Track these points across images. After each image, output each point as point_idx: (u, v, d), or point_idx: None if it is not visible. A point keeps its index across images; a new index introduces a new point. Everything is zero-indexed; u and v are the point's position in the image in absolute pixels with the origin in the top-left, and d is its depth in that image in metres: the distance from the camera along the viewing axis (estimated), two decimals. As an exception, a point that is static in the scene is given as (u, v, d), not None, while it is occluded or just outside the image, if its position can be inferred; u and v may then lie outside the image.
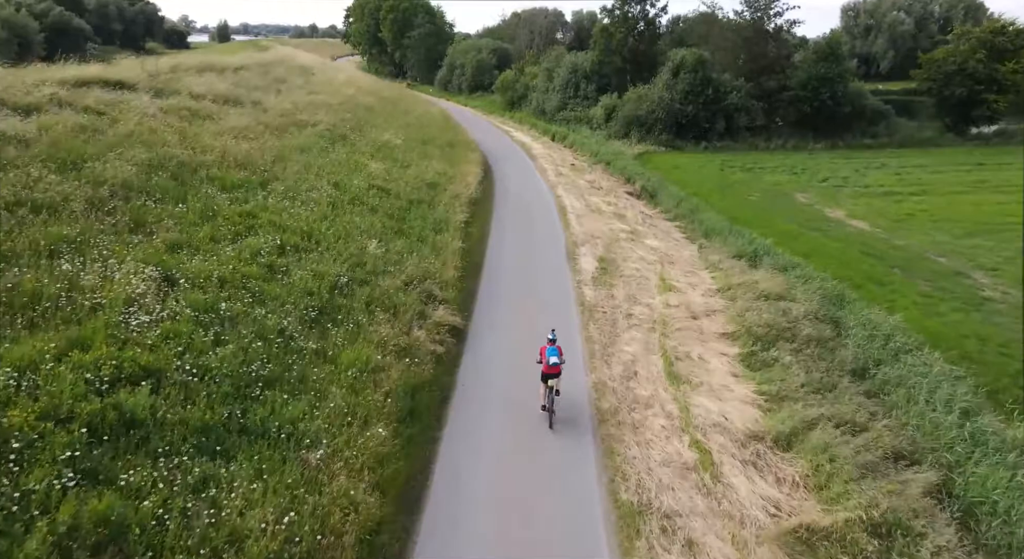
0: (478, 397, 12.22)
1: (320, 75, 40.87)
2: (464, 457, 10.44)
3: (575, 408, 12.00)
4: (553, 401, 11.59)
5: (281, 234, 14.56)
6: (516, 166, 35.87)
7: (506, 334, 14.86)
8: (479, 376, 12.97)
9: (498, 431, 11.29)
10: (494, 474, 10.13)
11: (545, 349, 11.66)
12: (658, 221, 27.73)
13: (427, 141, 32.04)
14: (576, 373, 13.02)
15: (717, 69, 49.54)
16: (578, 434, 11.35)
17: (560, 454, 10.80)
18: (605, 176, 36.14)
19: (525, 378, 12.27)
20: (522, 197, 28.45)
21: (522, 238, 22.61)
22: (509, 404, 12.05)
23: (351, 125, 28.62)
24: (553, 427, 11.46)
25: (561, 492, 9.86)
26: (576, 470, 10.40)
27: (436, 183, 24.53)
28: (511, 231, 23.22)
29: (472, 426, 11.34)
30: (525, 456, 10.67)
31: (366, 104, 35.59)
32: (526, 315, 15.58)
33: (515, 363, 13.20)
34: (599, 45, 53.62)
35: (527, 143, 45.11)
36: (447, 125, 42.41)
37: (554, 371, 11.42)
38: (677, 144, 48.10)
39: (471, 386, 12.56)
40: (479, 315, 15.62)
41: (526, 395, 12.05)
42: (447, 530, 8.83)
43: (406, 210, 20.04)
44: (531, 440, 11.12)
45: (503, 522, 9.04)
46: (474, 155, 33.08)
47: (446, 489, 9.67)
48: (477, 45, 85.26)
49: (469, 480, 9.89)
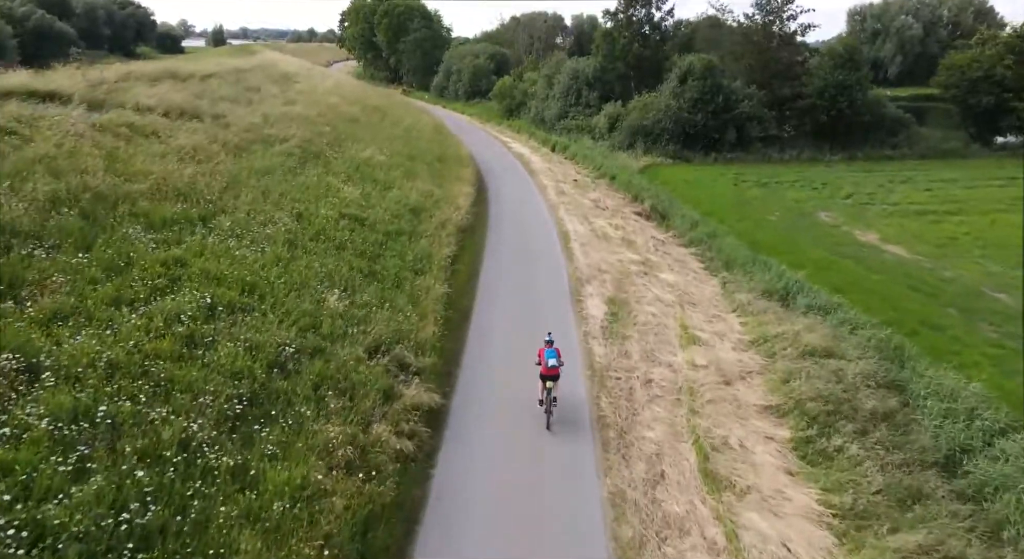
0: (458, 525, 9.15)
1: (303, 83, 37.95)
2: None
3: (585, 540, 8.94)
4: (551, 402, 11.70)
5: (214, 288, 11.55)
6: (513, 183, 32.87)
7: (498, 418, 11.82)
8: (461, 489, 9.91)
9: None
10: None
11: (543, 351, 11.82)
12: (672, 247, 24.73)
13: (415, 156, 29.08)
14: (585, 478, 10.01)
15: (727, 76, 46.66)
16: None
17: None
18: (610, 193, 33.18)
19: (527, 491, 9.27)
20: (519, 221, 25.46)
21: (519, 275, 19.53)
22: (504, 535, 8.96)
23: (329, 140, 25.66)
24: (551, 428, 11.45)
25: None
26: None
27: (421, 208, 21.52)
28: (506, 266, 20.19)
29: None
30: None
31: (350, 115, 32.65)
32: (523, 387, 12.54)
33: (510, 467, 10.21)
34: (601, 50, 50.77)
35: (525, 156, 42.18)
36: (439, 137, 39.46)
37: (552, 373, 11.62)
38: (685, 155, 45.18)
39: (449, 505, 9.47)
40: (464, 389, 12.54)
41: (529, 515, 9.03)
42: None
43: (382, 245, 17.02)
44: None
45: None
46: (467, 171, 30.11)
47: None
48: (474, 50, 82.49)
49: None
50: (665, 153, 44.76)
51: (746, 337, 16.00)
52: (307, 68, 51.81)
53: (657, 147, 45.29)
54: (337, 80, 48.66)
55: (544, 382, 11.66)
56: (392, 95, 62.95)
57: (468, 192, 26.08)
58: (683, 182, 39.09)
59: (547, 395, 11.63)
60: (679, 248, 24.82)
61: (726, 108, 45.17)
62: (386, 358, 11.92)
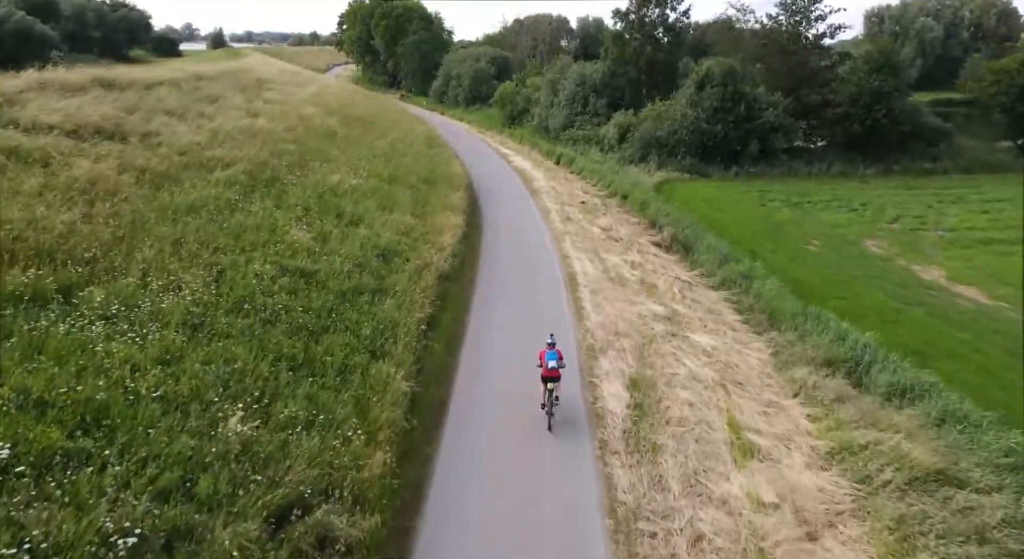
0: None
1: (277, 90, 33.90)
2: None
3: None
4: (553, 404, 11.77)
5: (29, 428, 7.38)
6: (512, 208, 28.60)
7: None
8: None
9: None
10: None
11: (544, 353, 11.91)
12: (700, 291, 20.52)
13: (397, 178, 24.91)
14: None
15: (749, 82, 42.45)
16: None
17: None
18: (623, 217, 28.99)
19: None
20: (517, 262, 21.18)
21: (514, 346, 14.42)
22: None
23: (292, 161, 21.55)
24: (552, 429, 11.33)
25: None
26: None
27: (395, 250, 17.29)
28: (498, 332, 15.61)
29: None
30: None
31: (326, 128, 28.55)
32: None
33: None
34: (611, 54, 46.61)
35: (527, 171, 37.99)
36: (430, 151, 35.24)
37: (553, 375, 11.70)
38: (703, 170, 41.00)
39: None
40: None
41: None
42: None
43: (331, 313, 12.79)
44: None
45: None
46: (458, 196, 25.88)
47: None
48: (475, 53, 78.45)
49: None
50: (681, 167, 40.60)
51: (820, 444, 11.75)
52: (292, 73, 47.85)
53: (672, 160, 41.15)
54: (323, 86, 44.63)
55: (545, 384, 11.73)
56: (385, 101, 58.98)
57: (456, 224, 21.83)
58: (703, 201, 34.90)
59: (548, 396, 11.74)
60: (709, 291, 20.59)
61: (748, 117, 40.98)
62: (301, 528, 7.71)
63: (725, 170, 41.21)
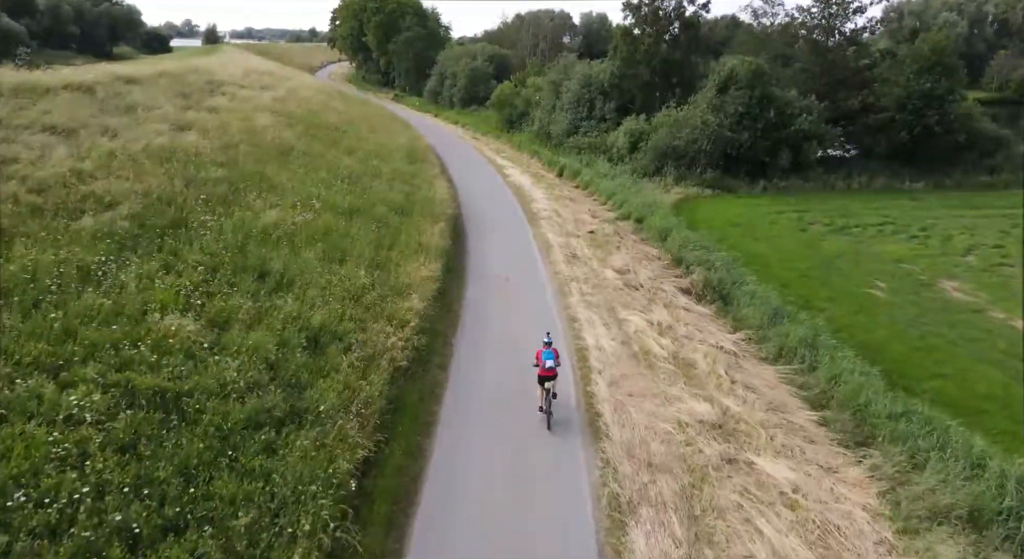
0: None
1: (233, 94, 28.79)
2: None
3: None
4: (550, 403, 11.77)
5: None
6: (505, 244, 23.09)
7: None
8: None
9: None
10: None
11: (541, 352, 11.89)
12: (751, 365, 15.39)
13: (361, 209, 19.72)
14: None
15: (779, 84, 37.28)
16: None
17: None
18: (640, 249, 23.82)
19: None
20: (509, 334, 15.33)
21: (499, 528, 9.33)
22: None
23: (215, 193, 16.45)
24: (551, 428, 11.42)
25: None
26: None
27: (333, 332, 12.14)
28: (475, 485, 10.15)
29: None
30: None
31: (279, 143, 23.42)
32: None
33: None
34: (621, 52, 41.32)
35: (525, 189, 32.74)
36: (411, 167, 29.97)
37: (550, 374, 11.74)
38: (727, 184, 35.84)
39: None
40: None
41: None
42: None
43: (191, 484, 7.72)
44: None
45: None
46: (438, 229, 20.62)
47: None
48: (471, 51, 73.17)
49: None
50: (702, 182, 35.43)
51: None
52: (263, 73, 42.65)
53: (691, 173, 35.98)
54: (294, 88, 39.45)
55: (542, 384, 11.80)
56: (369, 104, 53.79)
57: (430, 276, 16.52)
58: (732, 225, 29.77)
59: (546, 397, 11.79)
60: (763, 367, 15.44)
61: (779, 124, 35.80)
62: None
63: (751, 184, 36.08)
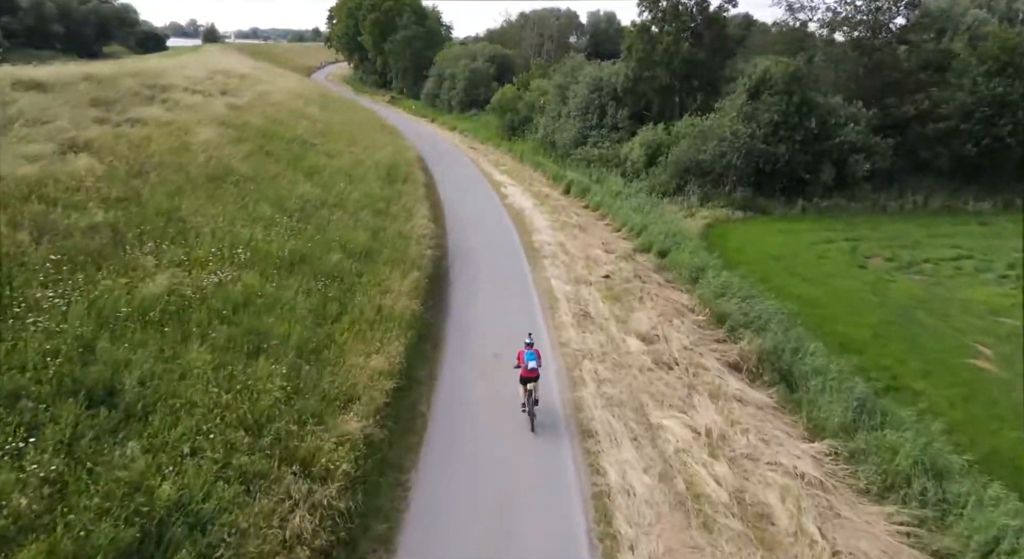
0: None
1: (179, 100, 24.11)
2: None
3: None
4: (533, 405, 11.62)
5: None
6: (498, 297, 17.89)
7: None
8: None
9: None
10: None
11: (523, 353, 11.76)
12: (847, 503, 10.56)
13: (305, 257, 14.85)
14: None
15: (820, 88, 32.36)
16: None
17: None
18: (668, 300, 18.94)
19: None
20: (497, 484, 10.50)
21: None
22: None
23: (90, 248, 11.73)
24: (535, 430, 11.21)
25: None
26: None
27: (190, 512, 7.44)
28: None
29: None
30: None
31: (215, 164, 18.67)
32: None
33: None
34: (636, 52, 36.41)
35: (526, 213, 27.90)
36: (386, 191, 25.01)
37: (532, 375, 11.60)
38: (760, 204, 31.00)
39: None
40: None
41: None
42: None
43: None
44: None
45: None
46: (407, 284, 15.60)
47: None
48: (471, 51, 68.38)
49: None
50: (731, 202, 30.59)
51: None
52: (234, 75, 37.95)
53: (718, 192, 31.16)
54: (265, 92, 34.71)
55: (524, 385, 11.60)
56: (356, 109, 49.05)
57: (384, 374, 11.66)
58: (772, 258, 24.88)
59: (528, 397, 11.61)
60: (867, 508, 10.61)
61: (821, 135, 30.91)
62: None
63: (788, 204, 31.24)
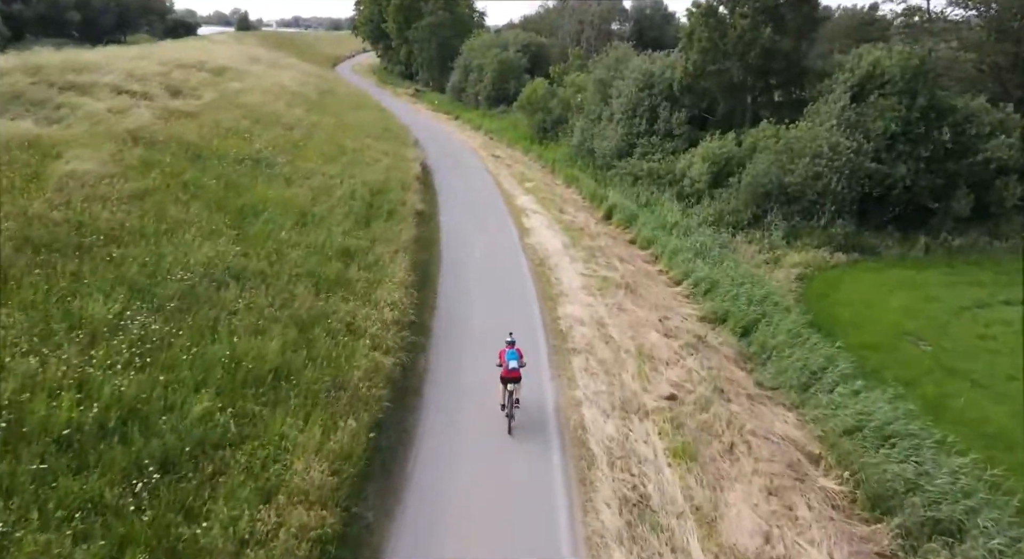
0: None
1: (73, 108, 17.79)
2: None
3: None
4: (513, 406, 11.46)
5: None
6: (493, 478, 10.63)
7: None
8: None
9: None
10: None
11: (504, 352, 11.60)
12: None
13: (90, 439, 8.38)
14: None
15: (952, 87, 24.34)
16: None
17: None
18: (772, 428, 11.67)
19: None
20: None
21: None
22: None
23: None
24: (512, 433, 11.13)
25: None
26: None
27: None
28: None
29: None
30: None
31: (54, 224, 12.13)
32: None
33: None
34: (699, 41, 28.65)
35: (552, 261, 20.66)
36: (355, 237, 17.93)
37: (513, 375, 11.41)
38: (866, 243, 23.26)
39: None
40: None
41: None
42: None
43: None
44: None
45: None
46: (323, 484, 8.95)
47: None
48: (502, 39, 60.99)
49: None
50: (828, 239, 22.85)
51: None
52: (215, 68, 31.71)
53: (811, 225, 23.52)
54: (247, 89, 28.33)
55: (505, 385, 11.44)
56: (363, 107, 42.40)
57: None
58: (903, 334, 17.30)
59: (508, 398, 11.42)
60: None
61: (956, 150, 22.99)
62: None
63: (904, 241, 23.42)
